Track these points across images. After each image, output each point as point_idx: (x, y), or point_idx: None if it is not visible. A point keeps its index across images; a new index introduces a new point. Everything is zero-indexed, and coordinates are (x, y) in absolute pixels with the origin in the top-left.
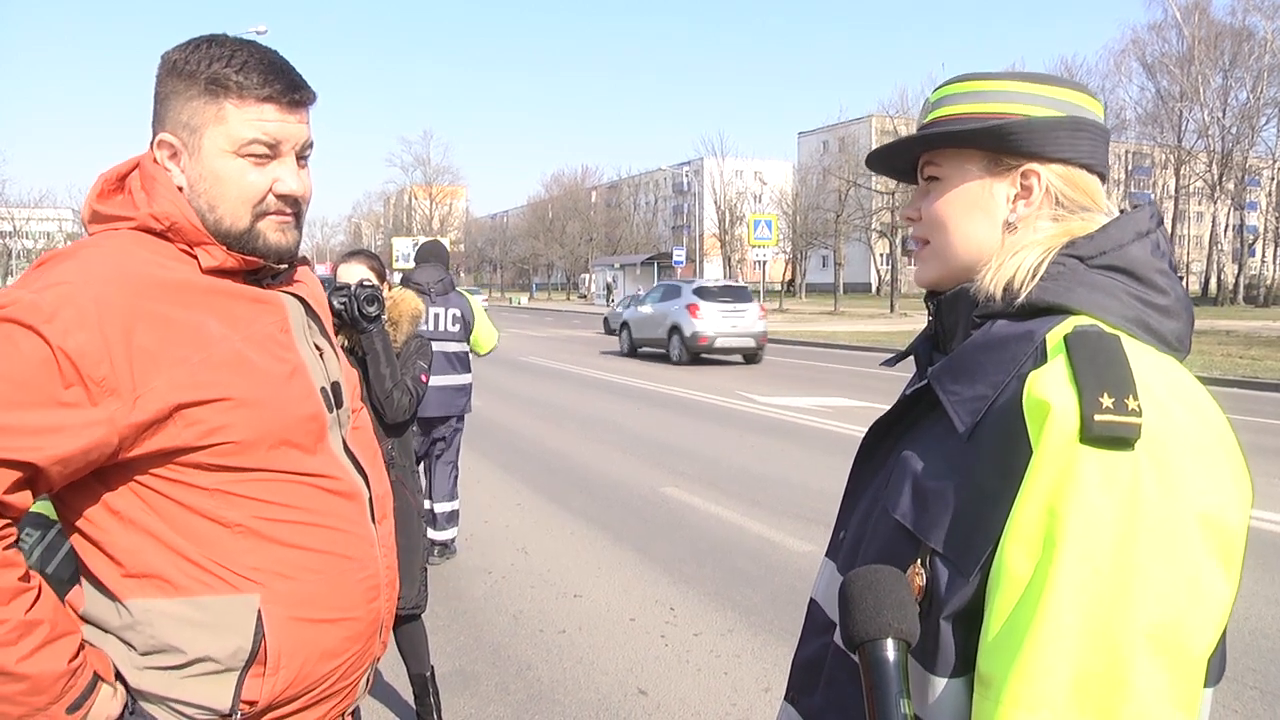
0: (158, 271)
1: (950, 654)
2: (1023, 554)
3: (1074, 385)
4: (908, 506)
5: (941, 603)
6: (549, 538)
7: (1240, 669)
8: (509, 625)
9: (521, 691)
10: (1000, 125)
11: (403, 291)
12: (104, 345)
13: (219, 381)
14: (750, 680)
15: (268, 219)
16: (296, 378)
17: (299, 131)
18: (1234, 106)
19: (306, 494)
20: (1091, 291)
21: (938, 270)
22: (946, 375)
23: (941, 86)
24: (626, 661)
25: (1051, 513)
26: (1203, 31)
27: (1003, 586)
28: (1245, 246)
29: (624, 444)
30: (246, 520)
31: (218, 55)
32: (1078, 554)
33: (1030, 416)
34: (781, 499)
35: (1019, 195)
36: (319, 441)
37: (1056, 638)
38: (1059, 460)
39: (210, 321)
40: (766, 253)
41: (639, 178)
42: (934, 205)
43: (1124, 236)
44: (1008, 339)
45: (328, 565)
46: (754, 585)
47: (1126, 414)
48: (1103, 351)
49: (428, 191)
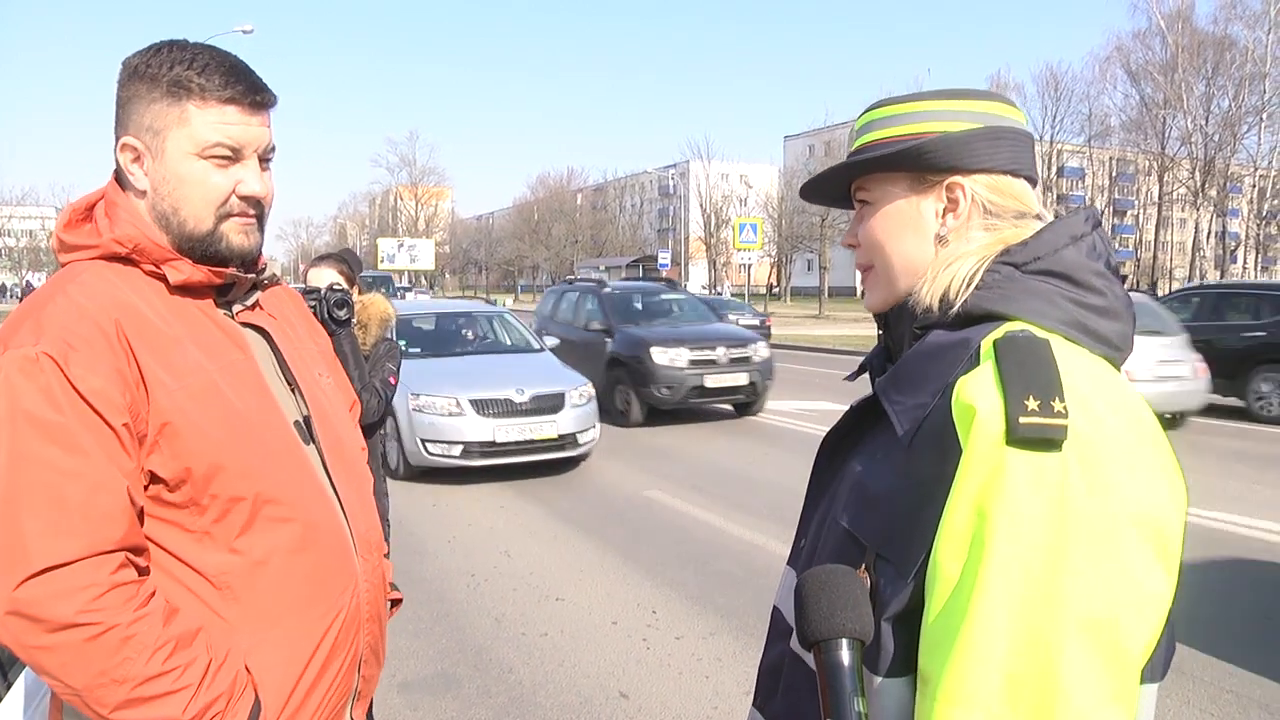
0: (134, 298)
1: (890, 654)
2: (953, 555)
3: (1000, 389)
4: (853, 513)
5: (884, 604)
6: (532, 540)
7: (1216, 672)
8: (491, 628)
9: (503, 694)
10: (917, 145)
11: (372, 295)
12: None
13: (192, 411)
14: (732, 684)
15: (230, 220)
16: (268, 413)
17: (261, 134)
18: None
19: (283, 535)
20: (1027, 297)
21: (883, 294)
22: (891, 386)
23: (864, 114)
24: (608, 664)
25: (980, 514)
26: (1186, 40)
27: (937, 587)
28: (1227, 253)
29: (607, 447)
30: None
31: (179, 59)
32: (1006, 554)
33: (959, 420)
34: (765, 503)
35: (947, 209)
36: (294, 478)
37: (987, 637)
38: (986, 462)
39: (190, 348)
40: (752, 256)
41: (625, 180)
42: (867, 230)
43: (1058, 241)
44: (945, 347)
45: (305, 611)
46: (737, 589)
47: (1052, 416)
48: (1031, 355)
49: (413, 192)
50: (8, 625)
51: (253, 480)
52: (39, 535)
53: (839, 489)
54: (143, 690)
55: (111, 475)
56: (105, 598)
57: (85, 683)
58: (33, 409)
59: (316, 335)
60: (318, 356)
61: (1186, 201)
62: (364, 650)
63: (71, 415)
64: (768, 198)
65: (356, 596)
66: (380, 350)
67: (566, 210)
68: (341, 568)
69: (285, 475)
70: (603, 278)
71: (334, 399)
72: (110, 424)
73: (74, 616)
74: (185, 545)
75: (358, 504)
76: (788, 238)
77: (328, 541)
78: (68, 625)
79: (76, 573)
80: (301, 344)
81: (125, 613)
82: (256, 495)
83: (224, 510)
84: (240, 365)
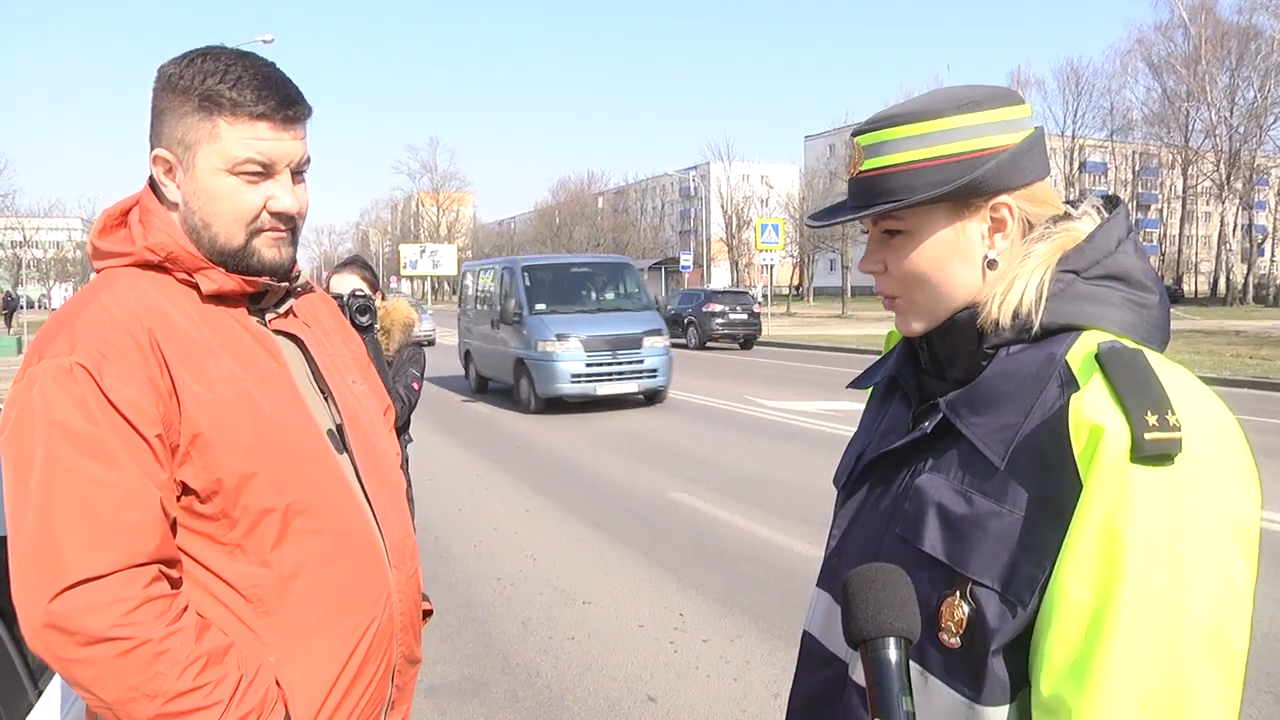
0: (167, 306)
1: (998, 683)
2: (1081, 579)
3: (1120, 406)
4: (937, 539)
5: (991, 633)
6: (557, 544)
7: (1254, 673)
8: (518, 632)
9: (530, 699)
10: (976, 179)
11: (395, 301)
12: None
13: (224, 421)
14: (760, 686)
15: (262, 236)
16: (301, 422)
17: (293, 148)
18: (1241, 106)
19: (315, 547)
20: (1095, 305)
21: (927, 321)
22: (964, 406)
23: (873, 130)
24: (636, 668)
25: (1110, 535)
26: (1209, 31)
27: (1061, 612)
28: (1254, 246)
29: (631, 449)
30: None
31: (211, 70)
32: (1139, 573)
33: (1078, 440)
34: (789, 504)
35: (993, 229)
36: (326, 488)
37: (1126, 660)
38: (1114, 482)
39: (223, 356)
40: (774, 257)
41: (645, 183)
42: (907, 263)
43: (1110, 244)
44: (1027, 364)
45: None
46: (762, 590)
47: (1169, 430)
48: (1136, 369)
49: (435, 198)
50: (43, 637)
51: (283, 491)
52: (73, 548)
53: (897, 510)
54: (174, 705)
55: (145, 487)
56: (138, 612)
57: (117, 696)
58: (67, 420)
59: (350, 341)
60: (351, 363)
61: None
62: (397, 659)
63: (105, 427)
64: (789, 198)
65: (389, 606)
66: (404, 356)
67: (588, 213)
68: (374, 578)
69: (316, 485)
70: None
71: (368, 405)
72: (144, 435)
73: (108, 630)
74: (217, 558)
75: (391, 513)
76: (810, 238)
77: (360, 551)
78: (101, 639)
79: (110, 586)
80: (335, 350)
81: (158, 627)
82: (288, 506)
83: (255, 522)
84: (273, 374)
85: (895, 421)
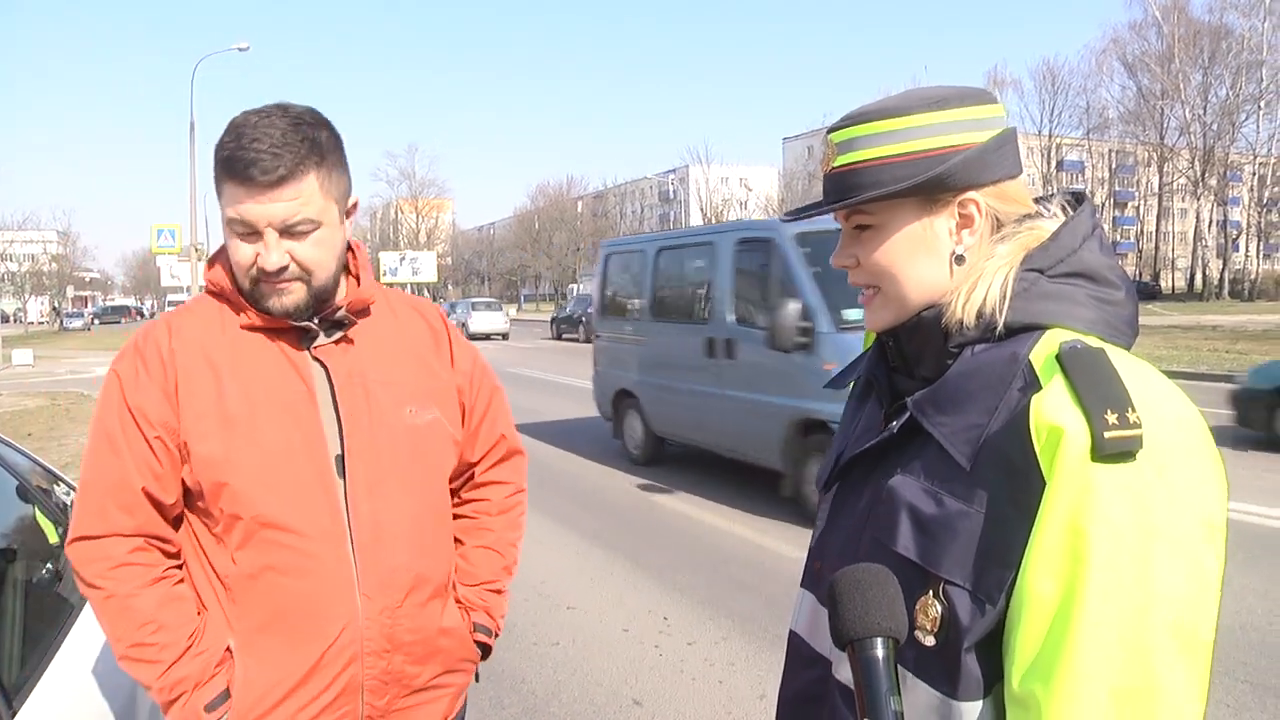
0: (209, 330)
1: (972, 680)
2: (1047, 575)
3: (1079, 406)
4: (909, 540)
5: (963, 631)
6: (541, 549)
7: (1231, 663)
8: (502, 638)
9: (516, 705)
10: (941, 173)
11: None
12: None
13: (209, 436)
14: (745, 688)
15: (260, 286)
16: (305, 445)
17: (274, 211)
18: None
19: (279, 557)
20: (1058, 303)
21: (894, 315)
22: (930, 406)
23: (845, 127)
24: (621, 672)
25: (1075, 531)
26: (1182, 30)
27: (1029, 608)
28: (1229, 242)
29: (614, 452)
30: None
31: (226, 138)
32: (1104, 568)
33: (1039, 440)
34: (774, 506)
35: (960, 225)
36: (305, 509)
37: (1094, 652)
38: (1076, 480)
39: (232, 379)
40: None
41: (625, 186)
42: (875, 255)
43: (1074, 242)
44: (991, 364)
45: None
46: (747, 592)
47: (1129, 427)
48: (1097, 368)
49: (414, 205)
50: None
51: (253, 504)
52: (82, 512)
53: (873, 511)
54: (132, 652)
55: (133, 475)
56: (117, 571)
57: (104, 629)
58: (102, 415)
59: (433, 369)
60: (414, 391)
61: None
62: (367, 680)
63: (119, 423)
64: (768, 199)
65: (354, 631)
66: None
67: (567, 218)
68: (337, 598)
69: (292, 503)
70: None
71: (405, 436)
72: (145, 435)
73: (93, 579)
74: (210, 544)
75: (384, 543)
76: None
77: (325, 573)
78: (90, 585)
79: (99, 546)
80: (387, 376)
81: (128, 586)
82: (253, 517)
83: (227, 525)
84: (297, 397)
85: (870, 421)
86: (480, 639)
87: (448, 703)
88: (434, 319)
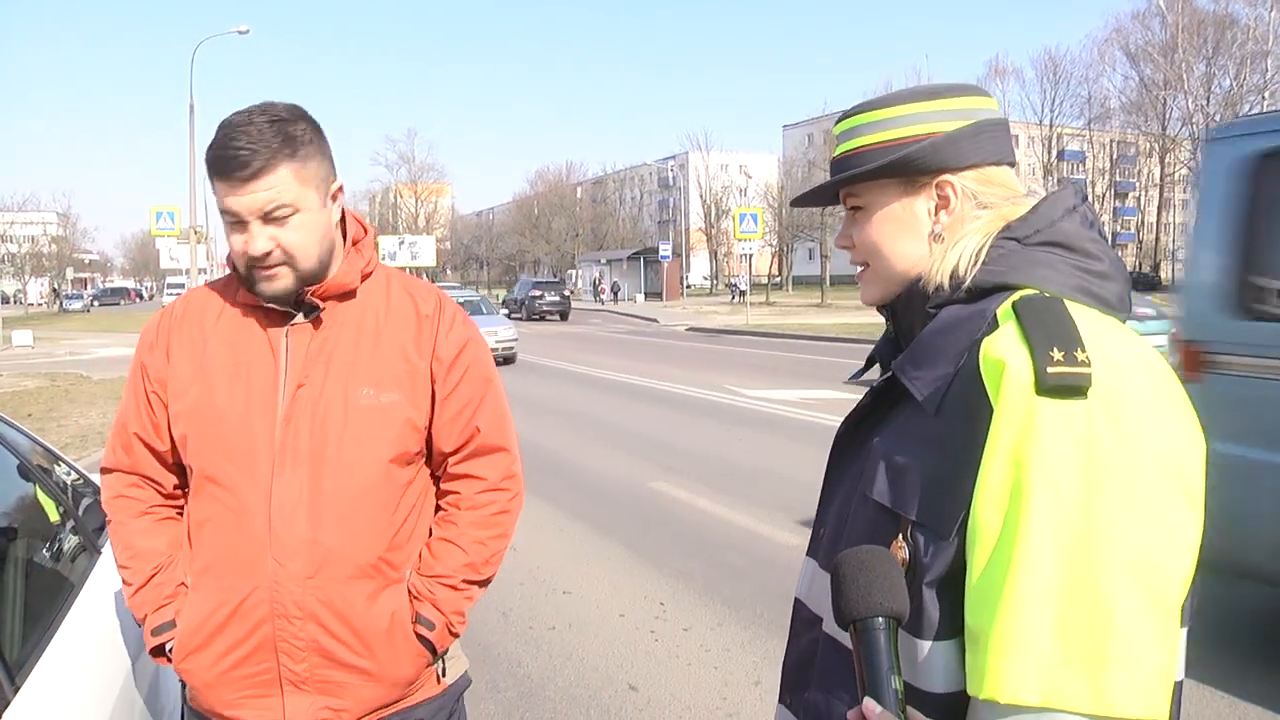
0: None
1: (935, 618)
2: (993, 507)
3: (1025, 343)
4: (884, 486)
5: (925, 569)
6: (538, 534)
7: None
8: (498, 623)
9: (512, 689)
10: (906, 155)
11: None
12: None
13: (185, 394)
14: (741, 674)
15: (252, 271)
16: (254, 411)
17: (253, 201)
18: (1218, 94)
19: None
20: (1033, 267)
21: (880, 290)
22: (909, 364)
23: (844, 119)
24: (616, 657)
25: (1017, 463)
26: (1185, 19)
27: (979, 542)
28: None
29: (611, 439)
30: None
31: (213, 139)
32: (1046, 499)
33: (988, 377)
34: (770, 492)
35: (939, 206)
36: (242, 470)
37: (1034, 583)
38: (1019, 412)
39: (215, 345)
40: (753, 246)
41: (624, 173)
42: (864, 233)
43: (1054, 214)
44: (961, 319)
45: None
46: (743, 579)
47: (1076, 365)
48: (1048, 312)
49: (413, 190)
50: None
51: (202, 459)
52: (107, 447)
53: (863, 469)
54: (121, 573)
55: (129, 421)
56: (115, 501)
57: None
58: (130, 366)
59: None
60: (379, 374)
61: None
62: (280, 642)
63: (131, 376)
64: (767, 187)
65: (265, 592)
66: None
67: (566, 204)
68: (253, 559)
69: (236, 463)
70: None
71: (355, 415)
72: (145, 388)
73: (105, 505)
74: (187, 491)
75: (299, 513)
76: (788, 227)
77: (247, 533)
78: (105, 508)
79: (110, 479)
80: (352, 357)
81: (120, 515)
82: (201, 469)
83: (191, 475)
84: (262, 369)
85: None
86: (420, 631)
87: (390, 690)
88: (427, 305)
